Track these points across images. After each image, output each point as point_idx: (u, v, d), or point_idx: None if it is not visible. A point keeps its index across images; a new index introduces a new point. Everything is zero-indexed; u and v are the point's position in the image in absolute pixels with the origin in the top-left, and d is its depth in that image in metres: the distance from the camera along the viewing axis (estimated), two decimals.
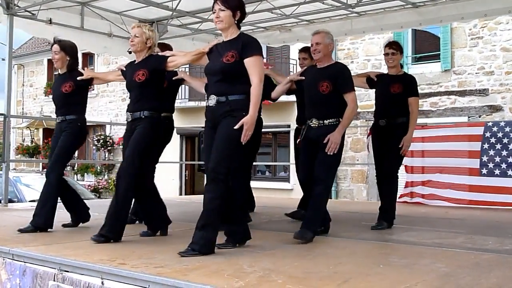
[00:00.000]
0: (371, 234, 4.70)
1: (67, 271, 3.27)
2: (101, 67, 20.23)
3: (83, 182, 18.77)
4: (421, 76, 12.16)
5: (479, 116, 11.98)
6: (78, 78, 4.76)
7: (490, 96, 12.07)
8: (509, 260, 3.53)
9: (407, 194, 7.99)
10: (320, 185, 4.20)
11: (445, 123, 10.55)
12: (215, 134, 3.63)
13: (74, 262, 3.27)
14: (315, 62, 4.57)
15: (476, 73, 12.28)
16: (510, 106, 11.83)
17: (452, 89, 12.58)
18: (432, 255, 3.63)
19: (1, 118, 7.00)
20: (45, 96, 22.45)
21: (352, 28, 8.16)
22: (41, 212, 4.59)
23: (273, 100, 4.95)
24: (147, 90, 4.23)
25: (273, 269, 3.04)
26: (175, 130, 5.43)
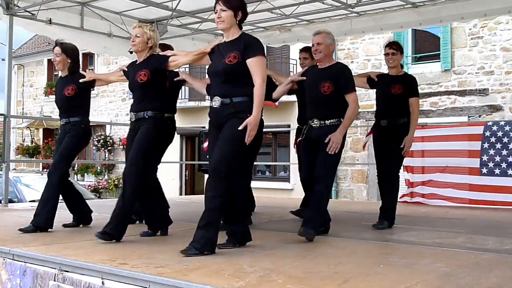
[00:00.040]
0: (371, 234, 4.70)
1: (67, 271, 3.27)
2: (101, 67, 20.23)
3: (83, 182, 18.77)
4: (421, 76, 12.16)
5: (479, 116, 11.98)
6: (80, 80, 4.78)
7: (490, 96, 12.07)
8: (509, 260, 3.53)
9: (407, 194, 7.99)
10: (321, 184, 4.23)
11: (445, 123, 10.55)
12: (219, 134, 3.64)
13: (75, 262, 3.27)
14: (316, 62, 4.57)
15: (476, 73, 12.28)
16: (510, 106, 11.82)
17: (452, 89, 12.58)
18: (432, 255, 3.63)
19: (1, 118, 7.00)
20: (45, 96, 22.46)
21: (352, 28, 8.16)
22: (42, 212, 4.59)
23: (275, 100, 4.96)
24: (149, 90, 4.24)
25: (274, 269, 3.04)
26: None
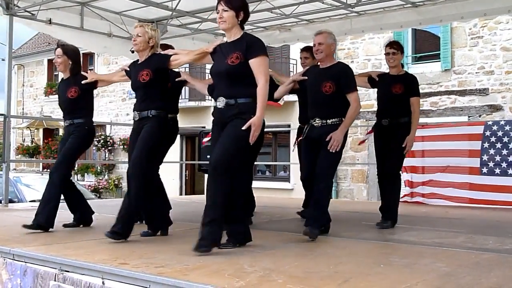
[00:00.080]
0: (372, 234, 4.70)
1: (68, 271, 3.26)
2: (101, 67, 20.23)
3: (83, 182, 18.78)
4: (421, 76, 12.15)
5: (479, 116, 11.98)
6: (83, 81, 4.78)
7: (490, 96, 12.07)
8: (509, 260, 3.52)
9: (408, 194, 7.99)
10: (322, 182, 4.24)
11: (446, 123, 10.54)
12: (222, 133, 3.65)
13: (75, 262, 3.27)
14: (317, 61, 4.58)
15: (476, 72, 12.28)
16: (510, 105, 11.82)
17: (452, 88, 12.58)
18: (432, 255, 3.63)
19: (1, 118, 7.01)
20: (45, 96, 22.47)
21: (352, 27, 8.16)
22: (43, 211, 4.60)
23: (276, 100, 4.97)
24: (152, 90, 4.25)
25: (274, 269, 3.04)
26: None
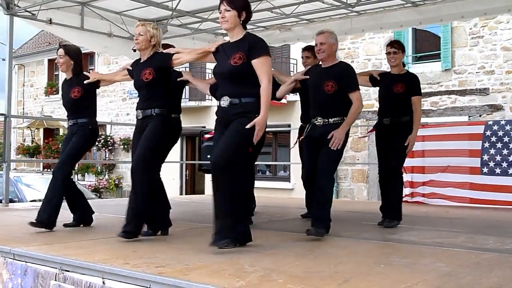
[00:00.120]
0: (372, 234, 4.70)
1: (68, 270, 3.27)
2: (101, 67, 20.23)
3: (83, 182, 18.78)
4: (422, 76, 12.12)
5: (480, 116, 11.98)
6: (85, 81, 4.79)
7: (490, 96, 12.07)
8: (510, 260, 3.52)
9: (408, 194, 7.98)
10: (323, 179, 4.25)
11: (446, 123, 10.53)
12: (225, 131, 3.67)
13: (75, 262, 3.27)
14: (319, 61, 4.58)
15: (476, 72, 12.28)
16: (511, 105, 11.82)
17: (452, 88, 12.58)
18: (432, 255, 3.63)
19: (2, 118, 7.02)
20: (45, 96, 22.48)
21: (352, 27, 8.16)
22: (45, 209, 4.62)
23: (278, 99, 4.98)
24: (155, 89, 4.25)
25: (274, 269, 3.04)
26: None
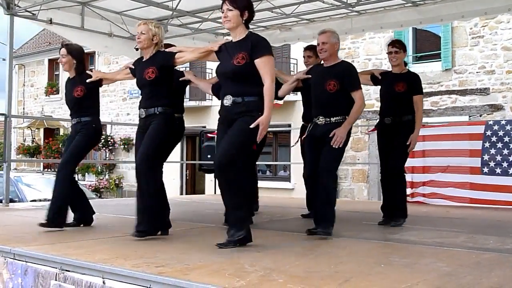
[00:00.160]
0: (372, 234, 4.70)
1: (68, 270, 3.26)
2: (102, 67, 20.24)
3: (84, 182, 18.78)
4: (422, 76, 11.97)
5: (480, 115, 11.98)
6: (87, 80, 4.80)
7: (491, 95, 12.06)
8: (510, 260, 3.52)
9: (408, 194, 7.94)
10: (326, 177, 4.25)
11: (446, 123, 10.53)
12: (228, 130, 3.69)
13: (76, 262, 3.27)
14: (320, 60, 4.59)
15: (477, 72, 12.27)
16: (511, 105, 11.81)
17: (453, 88, 12.57)
18: (433, 255, 3.62)
19: (2, 118, 7.02)
20: (46, 96, 22.48)
21: (352, 27, 8.15)
22: (51, 207, 4.63)
23: (280, 99, 4.99)
24: (158, 87, 4.25)
25: (274, 268, 3.04)
26: None
